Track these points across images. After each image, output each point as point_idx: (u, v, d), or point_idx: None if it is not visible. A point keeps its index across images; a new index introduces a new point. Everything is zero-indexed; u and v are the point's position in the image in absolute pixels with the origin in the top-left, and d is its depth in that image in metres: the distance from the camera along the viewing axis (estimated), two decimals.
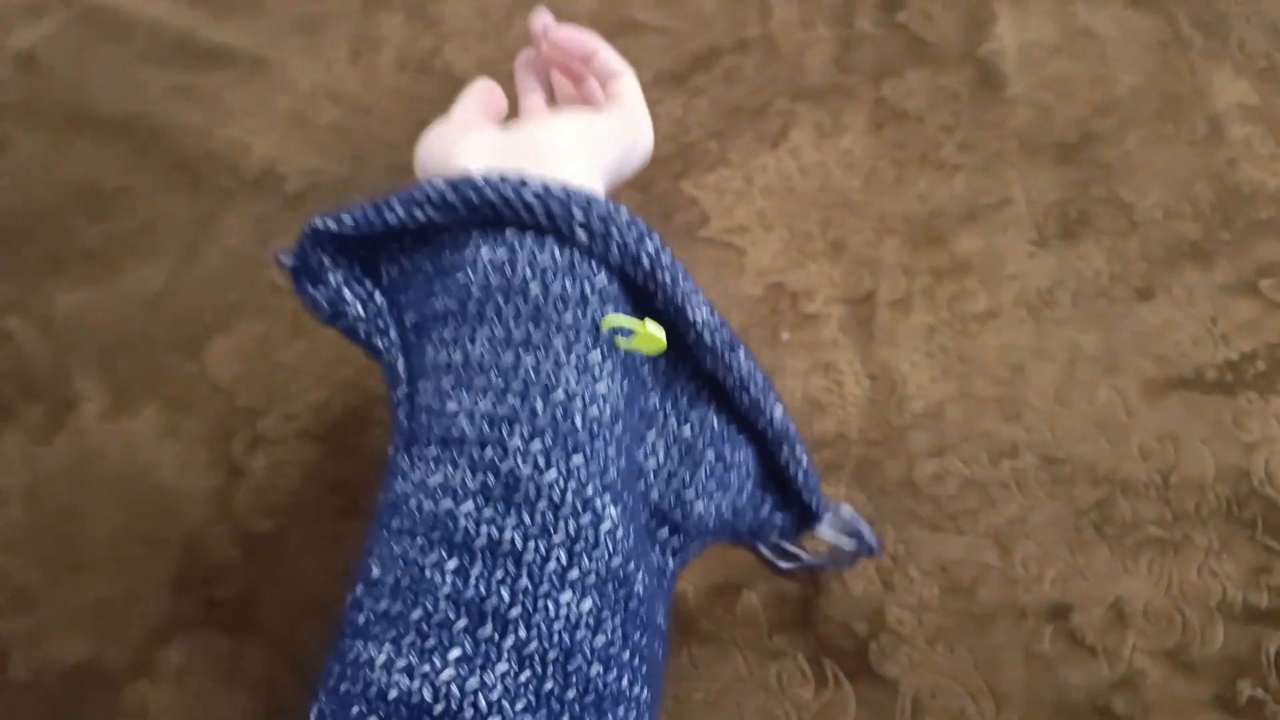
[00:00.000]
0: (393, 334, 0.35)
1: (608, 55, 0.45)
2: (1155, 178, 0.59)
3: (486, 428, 0.30)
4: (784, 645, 0.48)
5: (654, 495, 0.35)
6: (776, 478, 0.39)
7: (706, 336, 0.34)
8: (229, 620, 0.54)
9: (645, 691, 0.31)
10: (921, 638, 0.47)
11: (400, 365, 0.34)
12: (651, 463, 0.35)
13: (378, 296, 0.36)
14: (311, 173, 0.73)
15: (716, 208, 0.64)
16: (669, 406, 0.36)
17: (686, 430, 0.36)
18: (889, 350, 0.56)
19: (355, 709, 0.27)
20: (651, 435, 0.35)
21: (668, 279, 0.32)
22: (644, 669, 0.31)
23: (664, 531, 0.35)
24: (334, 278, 0.36)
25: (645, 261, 0.32)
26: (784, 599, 0.49)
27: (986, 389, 0.54)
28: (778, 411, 0.37)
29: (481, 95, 0.43)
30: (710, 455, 0.36)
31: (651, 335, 0.31)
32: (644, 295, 0.34)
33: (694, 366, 0.36)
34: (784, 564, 0.50)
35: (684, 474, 0.35)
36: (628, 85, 0.44)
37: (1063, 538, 0.49)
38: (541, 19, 0.45)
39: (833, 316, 0.58)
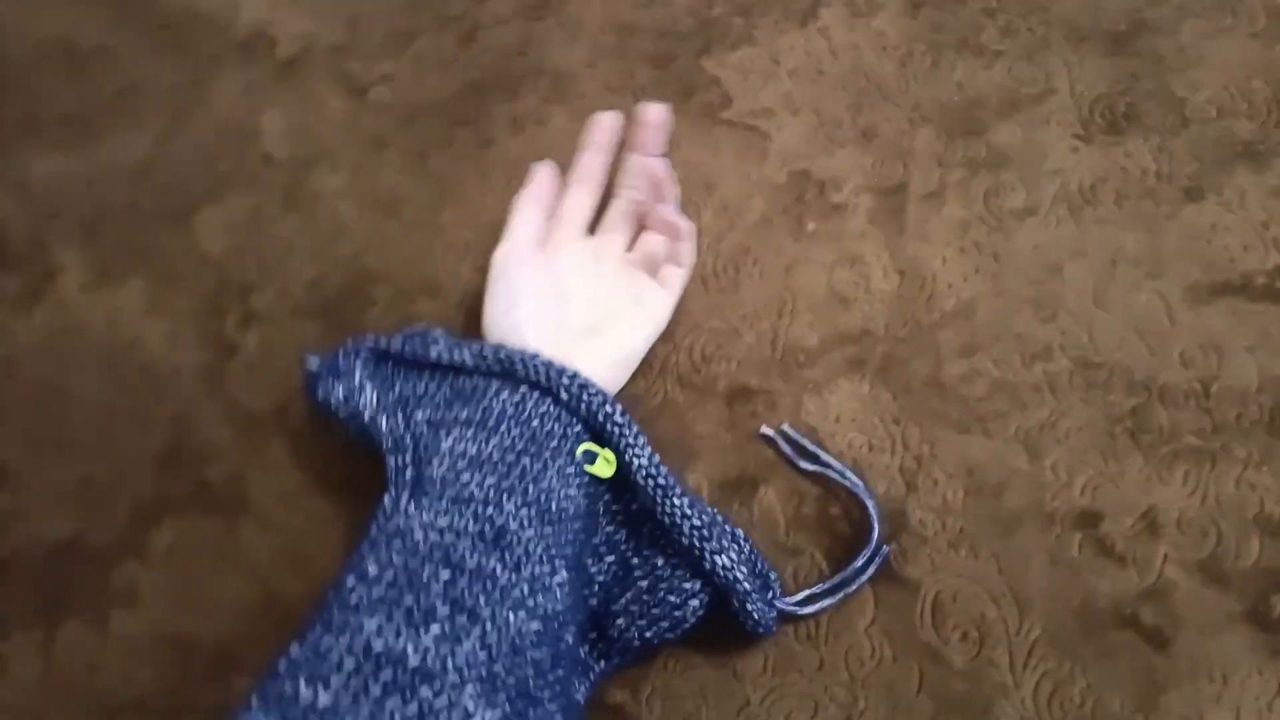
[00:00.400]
0: (400, 418, 0.45)
1: (671, 218, 0.53)
2: (1210, 72, 0.55)
3: (491, 493, 0.41)
4: (802, 543, 0.47)
5: (593, 602, 0.44)
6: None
7: (640, 479, 0.44)
8: (220, 502, 0.52)
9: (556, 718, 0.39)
10: (944, 540, 0.46)
11: (408, 440, 0.44)
12: (600, 578, 0.45)
13: (393, 395, 0.47)
14: (304, 38, 0.68)
15: (740, 88, 0.60)
16: (629, 541, 0.46)
17: (634, 560, 0.45)
18: (920, 245, 0.53)
19: (336, 656, 0.34)
20: (610, 559, 0.45)
21: (615, 432, 0.45)
22: (561, 700, 0.39)
23: (594, 635, 0.44)
24: (359, 376, 0.47)
25: (601, 418, 0.45)
26: (803, 496, 0.48)
27: (1021, 288, 0.51)
28: (721, 560, 0.43)
29: (542, 198, 0.53)
30: (643, 585, 0.44)
31: (606, 462, 0.45)
32: (603, 442, 0.46)
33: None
34: (805, 464, 0.48)
35: (615, 591, 0.44)
36: (675, 280, 0.53)
37: (1095, 444, 0.47)
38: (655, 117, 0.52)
39: (861, 207, 0.55)
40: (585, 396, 0.45)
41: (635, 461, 0.45)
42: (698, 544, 0.43)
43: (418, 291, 0.56)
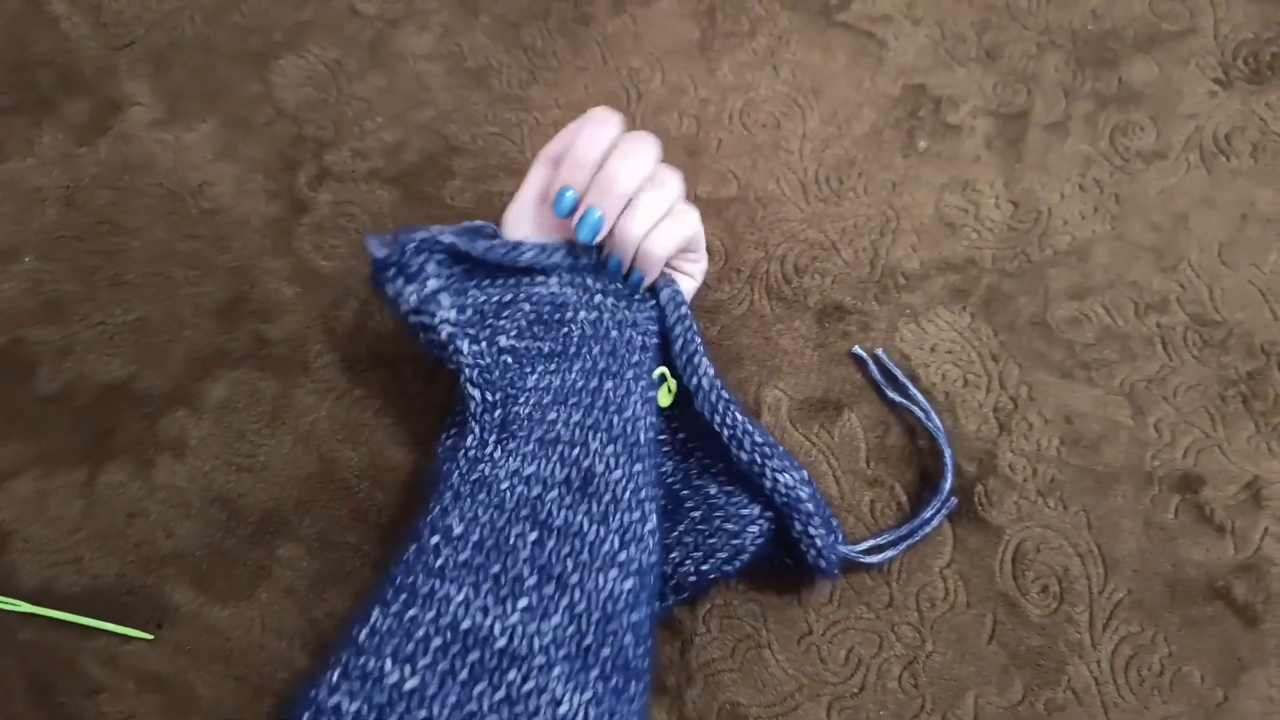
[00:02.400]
0: (483, 345, 0.41)
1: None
2: None
3: (577, 432, 0.39)
4: (882, 474, 0.44)
5: None
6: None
7: (705, 385, 0.41)
8: (278, 361, 0.50)
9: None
10: (1034, 488, 0.43)
11: (496, 375, 0.41)
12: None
13: (470, 310, 0.42)
14: None
15: None
16: (676, 473, 0.43)
17: (683, 492, 0.43)
18: (1037, 176, 0.50)
19: (423, 631, 0.34)
20: (657, 492, 0.42)
21: (685, 333, 0.42)
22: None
23: None
24: (434, 282, 0.41)
25: (671, 314, 0.43)
26: (888, 426, 0.45)
27: (1142, 235, 0.48)
28: (784, 479, 0.40)
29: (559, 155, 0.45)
30: (695, 515, 0.42)
31: (668, 390, 0.43)
32: (666, 346, 0.43)
33: (710, 444, 0.43)
34: (892, 394, 0.45)
35: (665, 526, 0.41)
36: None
37: (1205, 406, 0.44)
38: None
39: (978, 130, 0.52)
40: (662, 282, 0.44)
41: (701, 368, 0.42)
42: (759, 460, 0.40)
43: (500, 169, 0.54)
